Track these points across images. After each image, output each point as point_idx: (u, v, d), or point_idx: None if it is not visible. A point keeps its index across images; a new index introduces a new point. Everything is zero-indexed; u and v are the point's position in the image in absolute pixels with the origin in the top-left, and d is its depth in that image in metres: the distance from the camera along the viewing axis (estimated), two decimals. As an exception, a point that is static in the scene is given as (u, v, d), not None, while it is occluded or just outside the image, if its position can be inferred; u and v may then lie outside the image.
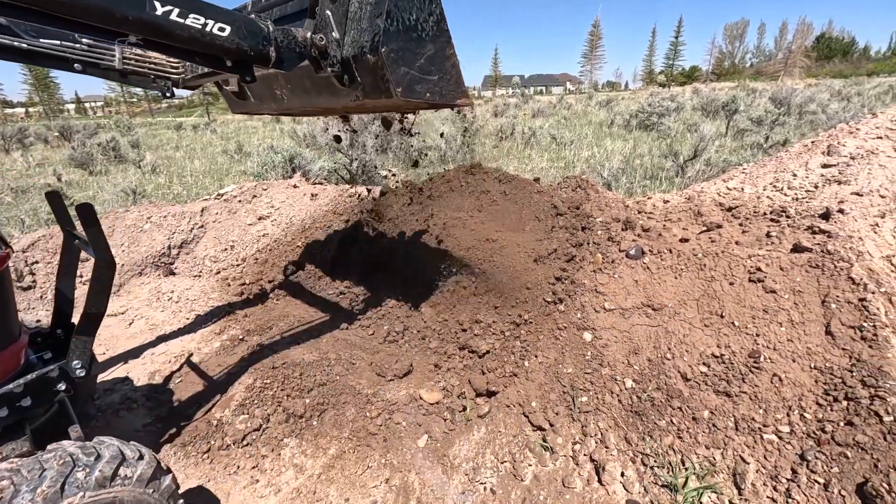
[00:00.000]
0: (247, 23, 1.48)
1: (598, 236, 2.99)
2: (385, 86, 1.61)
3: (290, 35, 1.58)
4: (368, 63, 1.60)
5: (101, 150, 11.86)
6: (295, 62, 1.64)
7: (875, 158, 3.08)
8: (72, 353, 1.72)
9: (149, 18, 1.29)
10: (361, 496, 2.08)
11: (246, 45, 1.49)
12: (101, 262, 1.64)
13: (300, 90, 2.06)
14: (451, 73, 1.82)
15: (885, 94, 16.16)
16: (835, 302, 2.21)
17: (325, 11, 1.65)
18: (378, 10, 1.56)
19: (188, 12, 1.35)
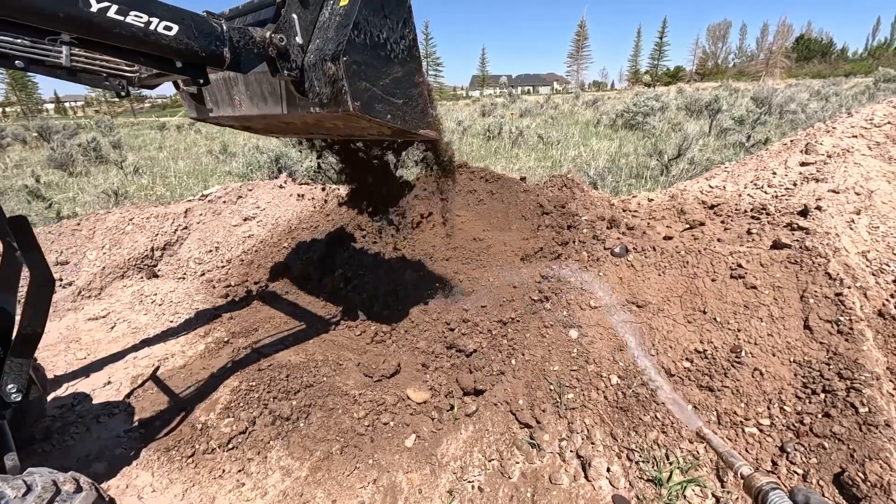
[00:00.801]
0: (197, 21, 1.39)
1: (584, 234, 3.02)
2: (343, 97, 1.55)
3: (248, 35, 1.50)
4: (328, 72, 1.54)
5: (81, 150, 11.62)
6: (252, 63, 1.56)
7: (851, 157, 3.16)
8: (6, 377, 1.61)
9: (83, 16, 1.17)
10: (349, 497, 2.07)
11: (196, 45, 1.40)
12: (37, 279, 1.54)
13: (258, 97, 1.96)
14: (418, 100, 1.78)
15: (862, 94, 16.57)
16: (813, 297, 2.26)
17: (292, 15, 1.59)
18: (346, 21, 1.52)
19: (129, 9, 1.24)
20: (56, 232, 4.51)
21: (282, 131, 2.56)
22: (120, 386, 2.83)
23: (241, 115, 2.10)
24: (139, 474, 2.20)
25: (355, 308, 3.26)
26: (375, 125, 1.78)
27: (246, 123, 2.50)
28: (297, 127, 2.24)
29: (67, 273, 4.20)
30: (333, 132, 2.22)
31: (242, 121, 2.37)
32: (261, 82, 1.89)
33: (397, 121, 1.73)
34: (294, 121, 2.03)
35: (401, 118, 1.74)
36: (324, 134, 2.35)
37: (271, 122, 2.27)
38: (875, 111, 3.62)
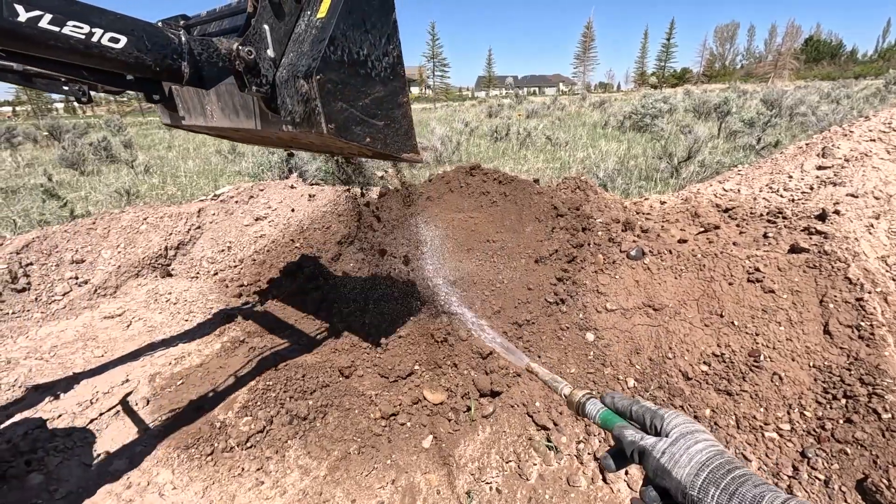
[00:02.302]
0: (150, 32, 1.23)
1: (599, 237, 3.02)
2: (316, 118, 1.41)
3: (211, 47, 1.35)
4: (301, 90, 1.40)
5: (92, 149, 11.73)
6: (217, 78, 1.40)
7: (869, 160, 3.14)
8: None
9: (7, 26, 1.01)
10: (368, 497, 2.08)
11: (149, 59, 1.24)
12: None
13: (230, 109, 1.80)
14: (402, 122, 1.64)
15: (874, 97, 16.43)
16: (832, 302, 2.25)
17: (263, 25, 1.43)
18: (322, 35, 1.38)
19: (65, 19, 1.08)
20: (71, 230, 4.56)
21: (259, 143, 2.41)
22: (138, 383, 2.86)
23: (213, 127, 1.96)
24: (160, 471, 2.22)
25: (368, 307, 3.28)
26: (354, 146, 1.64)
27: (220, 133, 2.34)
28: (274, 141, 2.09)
29: (83, 271, 4.24)
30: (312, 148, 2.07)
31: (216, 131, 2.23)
32: (232, 94, 1.73)
33: (377, 144, 1.59)
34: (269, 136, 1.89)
35: (381, 141, 1.60)
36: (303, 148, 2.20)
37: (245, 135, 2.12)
38: (894, 115, 3.60)
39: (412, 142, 1.69)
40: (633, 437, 0.77)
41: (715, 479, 0.66)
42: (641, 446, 0.75)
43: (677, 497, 0.69)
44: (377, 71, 1.50)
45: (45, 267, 4.11)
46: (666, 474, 0.70)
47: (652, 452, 0.73)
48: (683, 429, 0.74)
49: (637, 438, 0.77)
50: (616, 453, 0.82)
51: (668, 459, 0.71)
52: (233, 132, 2.07)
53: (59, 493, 2.12)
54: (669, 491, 0.71)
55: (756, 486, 0.63)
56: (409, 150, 1.68)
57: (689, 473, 0.68)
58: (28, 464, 2.25)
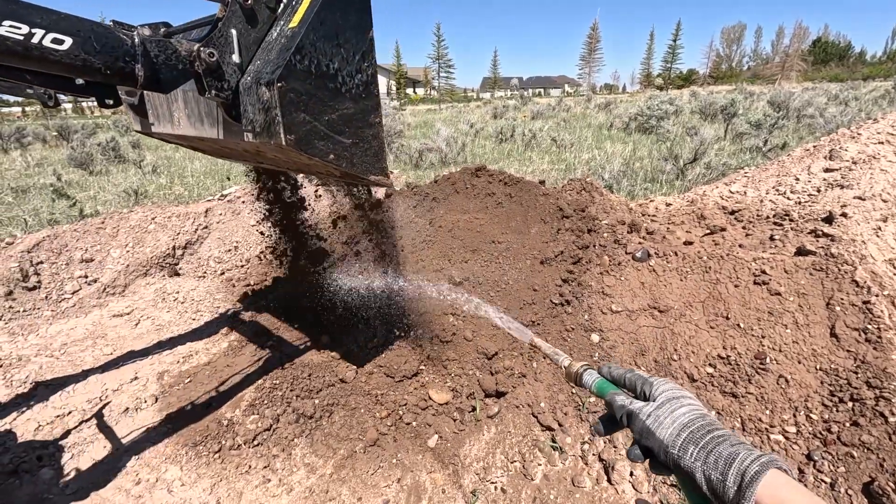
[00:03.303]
0: (99, 33, 1.16)
1: (605, 239, 3.02)
2: (275, 128, 1.35)
3: (170, 48, 1.29)
4: (262, 97, 1.34)
5: (100, 150, 11.84)
6: (176, 81, 1.34)
7: (877, 163, 3.13)
8: None
9: None
10: (374, 496, 2.10)
11: (98, 61, 1.17)
12: None
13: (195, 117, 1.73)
14: (372, 143, 1.57)
15: (882, 99, 16.30)
16: (839, 304, 2.24)
17: (230, 30, 1.37)
18: (290, 44, 1.32)
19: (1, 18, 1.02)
20: (81, 230, 4.61)
21: (228, 156, 2.30)
22: (147, 381, 2.89)
23: (180, 135, 1.89)
24: (168, 468, 2.25)
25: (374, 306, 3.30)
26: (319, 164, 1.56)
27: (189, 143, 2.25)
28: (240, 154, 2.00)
29: (92, 270, 4.29)
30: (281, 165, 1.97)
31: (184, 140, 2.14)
32: (198, 101, 1.66)
33: (342, 162, 1.51)
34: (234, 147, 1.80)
35: (347, 160, 1.51)
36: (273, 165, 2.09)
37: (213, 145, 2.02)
38: (901, 117, 3.58)
39: (382, 164, 1.61)
40: (622, 402, 0.81)
41: (694, 438, 0.69)
42: (630, 409, 0.79)
43: (660, 455, 0.73)
44: (348, 87, 1.45)
45: (56, 266, 4.16)
46: (650, 434, 0.74)
47: (639, 415, 0.77)
48: (670, 394, 0.78)
49: (626, 403, 0.81)
50: (608, 419, 0.86)
51: (653, 421, 0.75)
52: (199, 142, 1.98)
53: (69, 488, 2.15)
54: (653, 450, 0.75)
55: (733, 446, 0.66)
56: (377, 172, 1.61)
57: (671, 434, 0.72)
58: (39, 459, 2.28)
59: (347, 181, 1.86)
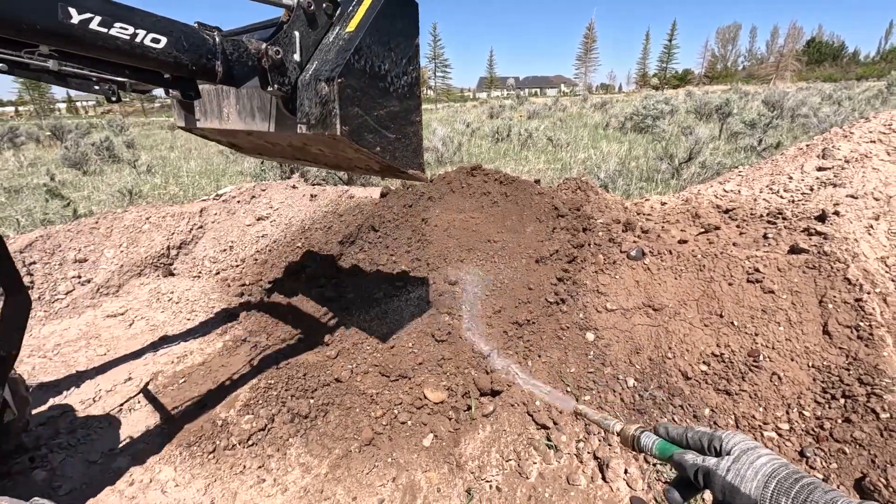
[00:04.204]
0: (187, 33, 1.31)
1: (600, 237, 3.03)
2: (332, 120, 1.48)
3: (242, 47, 1.43)
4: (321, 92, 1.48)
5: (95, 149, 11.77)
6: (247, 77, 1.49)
7: (869, 162, 3.15)
8: None
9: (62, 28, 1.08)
10: (369, 495, 2.10)
11: (186, 58, 1.31)
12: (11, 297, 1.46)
13: (247, 112, 1.88)
14: (412, 139, 1.73)
15: (875, 98, 16.42)
16: (831, 302, 2.26)
17: (294, 31, 1.53)
18: (349, 46, 1.48)
19: (112, 21, 1.15)
20: (74, 230, 4.58)
21: (268, 153, 2.45)
22: (140, 381, 2.87)
23: (228, 129, 2.03)
24: (162, 469, 2.24)
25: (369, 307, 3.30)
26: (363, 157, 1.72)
27: (232, 139, 2.41)
28: (283, 149, 2.15)
29: (86, 270, 4.27)
30: (320, 160, 2.13)
31: (228, 136, 2.29)
32: (251, 97, 1.82)
33: (387, 155, 1.66)
34: (280, 142, 1.96)
35: (391, 153, 1.68)
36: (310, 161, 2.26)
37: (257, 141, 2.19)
38: (893, 116, 3.61)
39: (419, 160, 1.77)
40: (694, 461, 0.76)
41: (784, 488, 0.66)
42: (706, 467, 0.74)
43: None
44: (395, 87, 1.60)
45: (49, 266, 4.14)
46: (735, 491, 0.70)
47: (717, 471, 0.72)
48: (744, 445, 0.74)
49: (699, 461, 0.76)
50: (679, 482, 0.80)
51: (735, 476, 0.70)
52: (244, 136, 2.12)
53: (62, 489, 2.14)
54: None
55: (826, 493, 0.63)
56: (415, 167, 1.76)
57: (757, 486, 0.68)
58: (32, 460, 2.27)
59: (386, 175, 2.00)
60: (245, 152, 2.74)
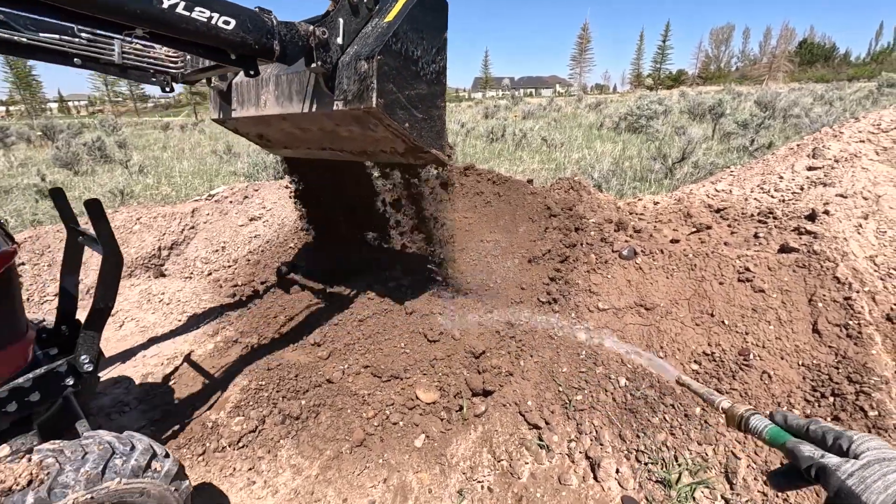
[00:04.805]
0: (251, 16, 1.50)
1: (592, 237, 3.03)
2: (369, 94, 1.65)
3: (294, 28, 1.61)
4: (360, 69, 1.66)
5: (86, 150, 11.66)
6: (298, 56, 1.66)
7: (858, 161, 3.17)
8: (79, 348, 1.71)
9: (155, 12, 1.29)
10: (359, 496, 2.08)
11: (251, 38, 1.50)
12: (109, 257, 1.65)
13: (285, 97, 2.06)
14: (436, 121, 1.90)
15: (866, 99, 16.58)
16: (821, 301, 2.27)
17: (339, 18, 1.74)
18: (388, 31, 1.67)
19: (194, 5, 1.36)
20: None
21: (296, 142, 2.58)
22: (129, 384, 2.84)
23: (263, 115, 2.19)
24: (151, 472, 2.21)
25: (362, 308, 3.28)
26: (390, 137, 1.86)
27: (263, 129, 2.54)
28: (313, 135, 2.28)
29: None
30: (346, 146, 2.25)
31: (261, 124, 2.42)
32: (290, 82, 2.00)
33: (414, 132, 1.82)
34: (312, 126, 2.10)
35: (417, 132, 1.84)
36: (335, 149, 2.39)
37: (288, 129, 2.33)
38: (882, 116, 3.63)
39: (442, 141, 1.96)
40: (811, 454, 0.70)
41: None
42: (823, 464, 0.68)
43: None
44: (425, 72, 1.80)
45: (38, 267, 4.09)
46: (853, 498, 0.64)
47: (836, 472, 0.66)
48: (879, 454, 0.67)
49: (817, 455, 0.70)
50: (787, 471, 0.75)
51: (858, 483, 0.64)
52: (277, 124, 2.30)
53: (48, 493, 2.11)
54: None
55: None
56: (438, 147, 1.95)
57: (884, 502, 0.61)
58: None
59: (408, 158, 2.12)
60: (272, 146, 2.95)
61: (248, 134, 2.85)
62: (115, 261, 1.67)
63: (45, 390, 1.63)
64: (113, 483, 1.34)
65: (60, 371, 1.68)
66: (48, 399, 1.65)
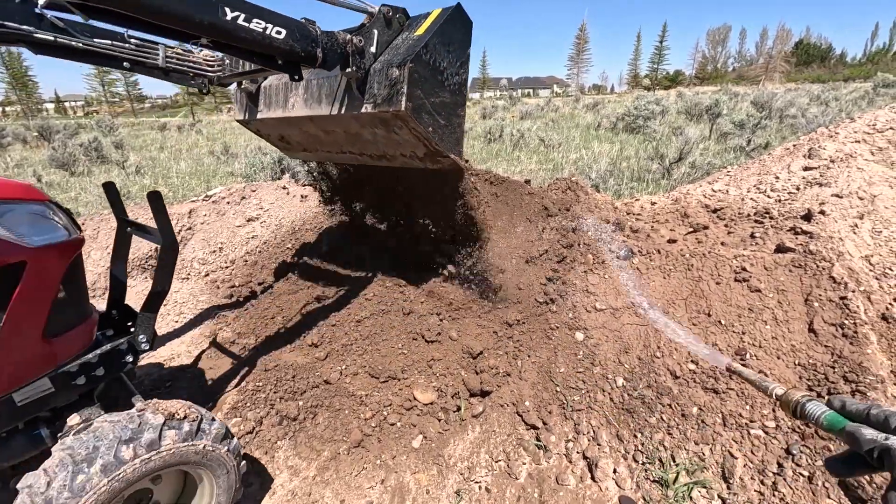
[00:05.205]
0: (299, 27, 1.67)
1: (589, 237, 3.03)
2: (398, 97, 1.80)
3: (334, 37, 1.79)
4: (391, 75, 1.81)
5: (83, 150, 11.62)
6: (336, 62, 1.82)
7: (853, 161, 3.19)
8: (138, 328, 1.88)
9: (221, 23, 1.47)
10: (357, 497, 2.08)
11: (298, 46, 1.67)
12: (167, 245, 1.81)
13: (313, 99, 2.21)
14: (456, 129, 2.06)
15: (861, 99, 16.65)
16: (817, 300, 2.28)
17: (373, 29, 1.91)
18: (419, 42, 1.83)
19: (252, 17, 1.54)
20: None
21: (317, 145, 2.70)
22: (126, 385, 2.83)
23: (290, 117, 2.34)
24: (147, 473, 2.20)
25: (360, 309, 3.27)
26: (412, 141, 2.00)
27: (286, 131, 2.67)
28: (336, 138, 2.41)
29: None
30: (367, 149, 2.38)
31: (286, 126, 2.55)
32: (321, 86, 2.17)
33: (436, 136, 1.96)
34: (336, 128, 2.23)
35: (439, 136, 1.98)
36: (355, 152, 2.51)
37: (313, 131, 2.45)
38: (877, 117, 3.65)
39: (460, 147, 2.13)
40: (875, 436, 0.68)
41: None
42: (886, 445, 0.66)
43: None
44: (449, 83, 1.96)
45: (33, 268, 4.07)
46: None
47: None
48: None
49: (880, 438, 0.68)
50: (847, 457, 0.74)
51: None
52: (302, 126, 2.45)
53: (44, 495, 2.10)
54: None
55: None
56: (456, 153, 2.11)
57: None
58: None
59: (426, 162, 2.26)
60: (291, 148, 3.08)
61: (269, 136, 2.97)
62: (171, 249, 1.82)
63: (108, 366, 1.80)
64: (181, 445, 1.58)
65: (122, 349, 1.85)
66: (110, 374, 1.82)
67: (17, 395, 1.55)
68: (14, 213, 1.52)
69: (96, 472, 1.40)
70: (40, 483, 1.38)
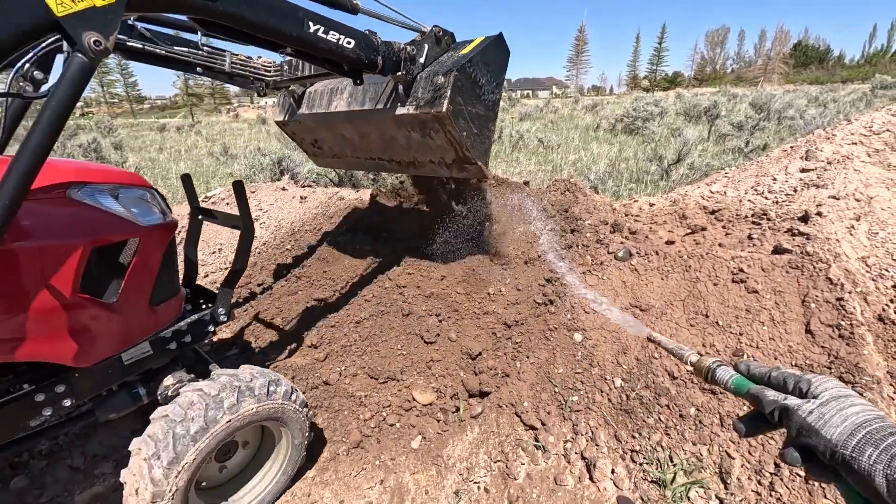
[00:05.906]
0: (364, 37, 1.89)
1: (587, 238, 3.05)
2: (441, 101, 1.99)
3: (391, 46, 2.01)
4: (437, 82, 2.02)
5: (82, 151, 11.62)
6: (391, 69, 2.03)
7: (850, 163, 3.20)
8: (218, 302, 2.10)
9: (305, 35, 1.70)
10: (356, 498, 2.09)
11: (363, 54, 1.89)
12: (247, 229, 2.03)
13: (356, 102, 2.43)
14: (486, 140, 2.25)
15: (859, 101, 16.71)
16: (814, 301, 2.29)
17: (425, 43, 2.14)
18: (464, 58, 2.06)
19: (329, 29, 1.76)
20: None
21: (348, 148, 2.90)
22: (126, 386, 2.83)
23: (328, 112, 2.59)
24: (147, 474, 2.21)
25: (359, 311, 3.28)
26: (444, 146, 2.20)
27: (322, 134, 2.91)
28: (370, 142, 2.63)
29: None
30: (398, 155, 2.58)
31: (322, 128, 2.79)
32: (366, 91, 2.39)
33: (468, 141, 2.13)
34: (373, 131, 2.46)
35: (470, 142, 2.15)
36: (384, 158, 2.73)
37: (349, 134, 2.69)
38: (874, 119, 3.67)
39: (486, 158, 2.31)
40: (775, 397, 0.73)
41: (873, 439, 0.61)
42: (784, 405, 0.71)
43: (824, 457, 0.65)
44: (485, 97, 2.17)
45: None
46: (813, 433, 0.66)
47: (797, 411, 0.69)
48: (835, 391, 0.70)
49: (780, 398, 0.72)
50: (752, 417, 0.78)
51: (818, 419, 0.66)
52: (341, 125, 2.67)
53: (44, 496, 2.11)
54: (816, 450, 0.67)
55: None
56: (484, 162, 2.30)
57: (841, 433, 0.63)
58: (13, 467, 2.23)
59: (452, 169, 2.44)
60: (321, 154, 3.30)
61: (303, 140, 3.19)
62: (250, 233, 2.05)
63: (195, 334, 2.02)
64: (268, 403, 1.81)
65: (205, 319, 2.07)
66: (196, 341, 2.03)
67: (125, 355, 1.76)
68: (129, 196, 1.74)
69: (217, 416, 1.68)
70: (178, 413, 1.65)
